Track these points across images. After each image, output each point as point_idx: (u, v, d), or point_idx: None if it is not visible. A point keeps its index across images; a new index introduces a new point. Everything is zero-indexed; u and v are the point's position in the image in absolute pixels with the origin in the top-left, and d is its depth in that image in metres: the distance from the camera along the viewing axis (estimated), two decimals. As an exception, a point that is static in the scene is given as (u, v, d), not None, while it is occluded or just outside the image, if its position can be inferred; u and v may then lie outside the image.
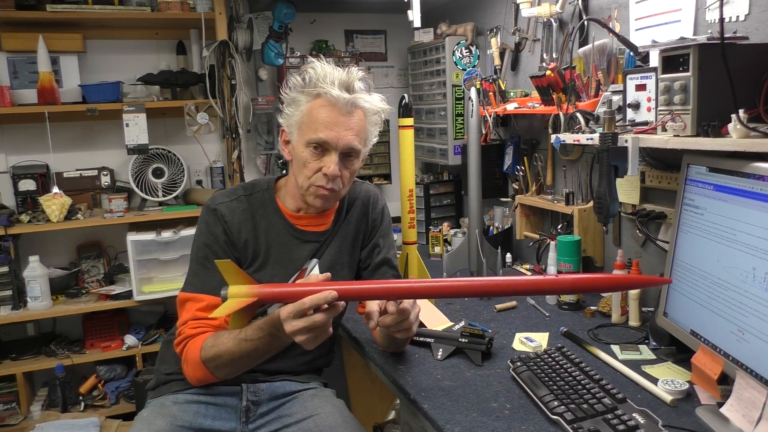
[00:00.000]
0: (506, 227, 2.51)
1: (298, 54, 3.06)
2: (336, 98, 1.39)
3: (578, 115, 1.76)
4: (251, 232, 1.50)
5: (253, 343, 1.29)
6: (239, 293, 1.15)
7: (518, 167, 2.45)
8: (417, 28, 2.91)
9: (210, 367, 1.36)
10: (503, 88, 2.34)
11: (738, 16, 1.50)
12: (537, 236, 2.30)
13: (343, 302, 1.18)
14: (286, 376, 1.55)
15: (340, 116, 1.40)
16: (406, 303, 1.30)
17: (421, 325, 1.72)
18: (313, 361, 1.60)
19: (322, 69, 1.42)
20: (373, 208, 1.65)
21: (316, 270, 1.54)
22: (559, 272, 1.92)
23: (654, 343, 1.56)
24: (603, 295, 1.92)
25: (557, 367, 1.38)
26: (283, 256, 1.51)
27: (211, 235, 1.47)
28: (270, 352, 1.32)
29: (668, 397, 1.27)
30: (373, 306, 1.30)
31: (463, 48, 2.69)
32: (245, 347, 1.30)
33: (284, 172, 1.62)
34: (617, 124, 1.55)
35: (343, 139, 1.41)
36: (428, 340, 1.62)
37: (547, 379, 1.33)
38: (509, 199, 2.57)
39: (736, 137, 1.22)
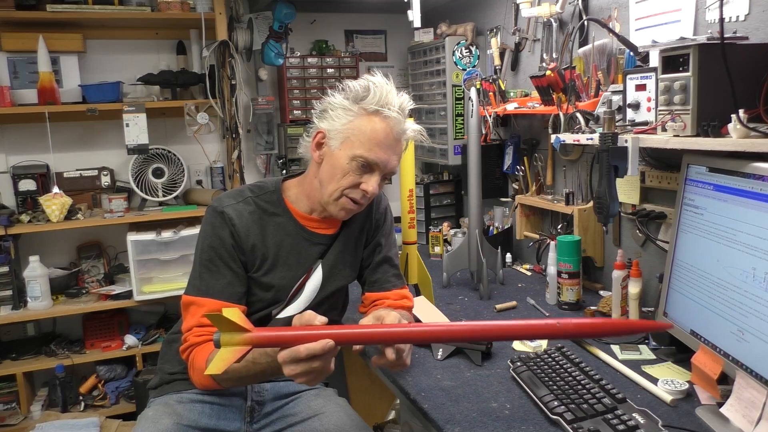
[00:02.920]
0: (506, 227, 2.51)
1: (298, 54, 3.06)
2: (396, 122, 1.41)
3: (578, 115, 1.76)
4: (259, 235, 1.47)
5: (262, 366, 1.25)
6: (232, 341, 1.10)
7: (518, 167, 2.45)
8: (417, 28, 2.91)
9: (217, 379, 1.34)
10: (503, 88, 2.34)
11: (738, 16, 1.50)
12: (537, 236, 2.30)
13: (338, 347, 1.11)
14: None
15: (393, 140, 1.42)
16: (389, 354, 1.21)
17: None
18: None
19: (386, 86, 1.42)
20: (376, 208, 1.64)
21: (319, 270, 1.54)
22: (558, 273, 1.92)
23: (654, 343, 1.56)
24: (603, 294, 1.92)
25: (557, 367, 1.38)
26: (293, 258, 1.50)
27: (218, 238, 1.44)
28: (279, 372, 1.25)
29: (668, 397, 1.27)
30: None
31: (463, 48, 2.69)
32: (253, 369, 1.26)
33: (284, 172, 1.61)
34: (617, 124, 1.55)
35: (391, 163, 1.43)
36: (428, 340, 1.62)
37: (547, 379, 1.33)
38: (509, 199, 2.57)
39: (736, 137, 1.22)
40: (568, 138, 1.76)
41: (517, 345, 1.63)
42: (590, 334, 1.11)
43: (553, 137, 1.82)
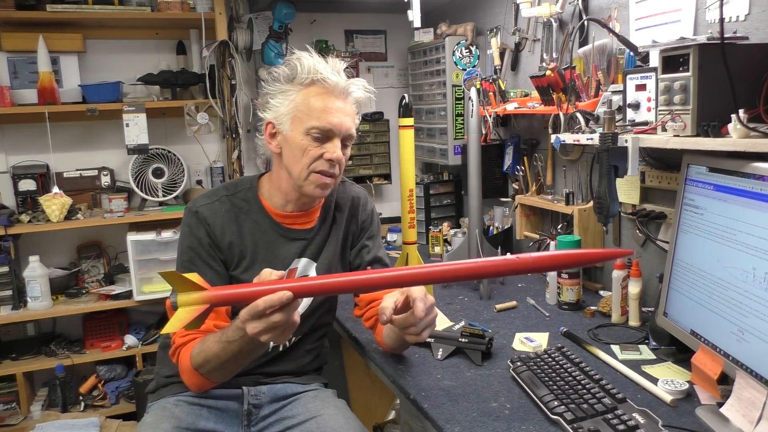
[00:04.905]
0: (506, 227, 2.51)
1: (298, 54, 3.06)
2: (334, 84, 1.41)
3: (578, 115, 1.76)
4: (235, 233, 1.48)
5: (237, 344, 1.24)
6: (189, 301, 1.09)
7: (518, 167, 2.45)
8: (417, 28, 2.91)
9: (203, 373, 1.34)
10: (503, 88, 2.34)
11: (738, 16, 1.50)
12: (537, 236, 2.30)
13: (299, 299, 1.12)
14: (288, 377, 1.54)
15: (337, 102, 1.42)
16: (419, 311, 1.24)
17: None
18: (312, 361, 1.61)
19: (313, 58, 1.43)
20: (362, 210, 1.64)
21: (313, 274, 1.53)
22: (558, 273, 1.92)
23: (654, 343, 1.56)
24: (603, 294, 1.92)
25: (557, 367, 1.38)
26: (270, 254, 1.50)
27: (195, 238, 1.45)
28: (254, 350, 1.28)
29: (668, 397, 1.27)
30: (387, 302, 1.28)
31: (463, 48, 2.69)
32: (230, 349, 1.26)
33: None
34: (617, 124, 1.55)
35: (345, 125, 1.42)
36: (428, 340, 1.61)
37: (547, 379, 1.33)
38: (509, 199, 2.57)
39: (736, 137, 1.22)
40: (568, 138, 1.76)
41: (517, 345, 1.63)
42: (550, 266, 1.08)
43: (553, 137, 1.82)
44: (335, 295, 1.25)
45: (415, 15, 2.24)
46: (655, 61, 1.49)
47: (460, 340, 1.57)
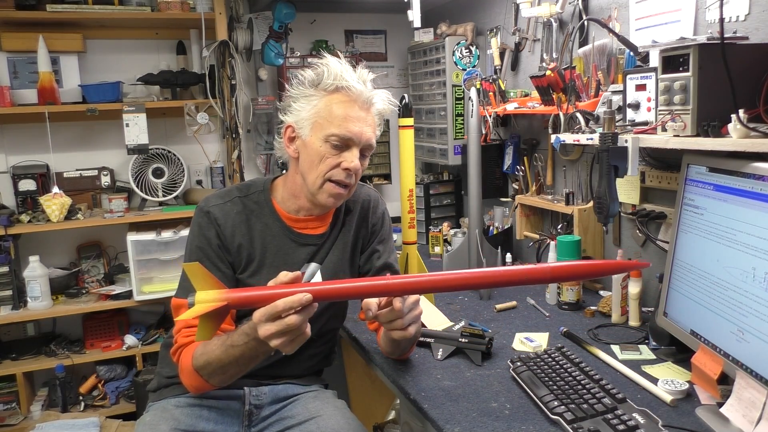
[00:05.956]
0: (506, 227, 2.51)
1: (298, 54, 3.06)
2: (358, 93, 1.40)
3: (578, 115, 1.76)
4: (246, 235, 1.46)
5: (240, 349, 1.24)
6: (207, 299, 1.08)
7: (518, 167, 2.45)
8: (417, 28, 2.91)
9: (203, 375, 1.33)
10: (503, 88, 2.34)
11: (738, 16, 1.50)
12: (537, 236, 2.30)
13: (316, 303, 1.12)
14: (289, 379, 1.54)
15: (360, 111, 1.41)
16: (397, 302, 1.24)
17: (422, 325, 1.71)
18: (316, 365, 1.61)
19: (341, 65, 1.42)
20: (373, 213, 1.62)
21: (318, 277, 1.52)
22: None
23: (654, 343, 1.56)
24: (603, 294, 1.92)
25: (557, 367, 1.38)
26: (279, 259, 1.48)
27: (204, 238, 1.44)
28: (257, 357, 1.27)
29: (668, 397, 1.27)
30: (371, 300, 1.27)
31: (463, 48, 2.69)
32: (232, 353, 1.25)
33: (284, 171, 1.60)
34: (617, 124, 1.55)
35: (366, 135, 1.41)
36: (428, 340, 1.62)
37: (547, 379, 1.33)
38: (509, 199, 2.57)
39: (736, 137, 1.22)
40: (568, 138, 1.76)
41: (517, 345, 1.63)
42: (567, 276, 1.09)
43: (553, 137, 1.82)
44: (354, 299, 1.26)
45: (415, 15, 2.24)
46: (655, 61, 1.49)
47: (460, 340, 1.57)
